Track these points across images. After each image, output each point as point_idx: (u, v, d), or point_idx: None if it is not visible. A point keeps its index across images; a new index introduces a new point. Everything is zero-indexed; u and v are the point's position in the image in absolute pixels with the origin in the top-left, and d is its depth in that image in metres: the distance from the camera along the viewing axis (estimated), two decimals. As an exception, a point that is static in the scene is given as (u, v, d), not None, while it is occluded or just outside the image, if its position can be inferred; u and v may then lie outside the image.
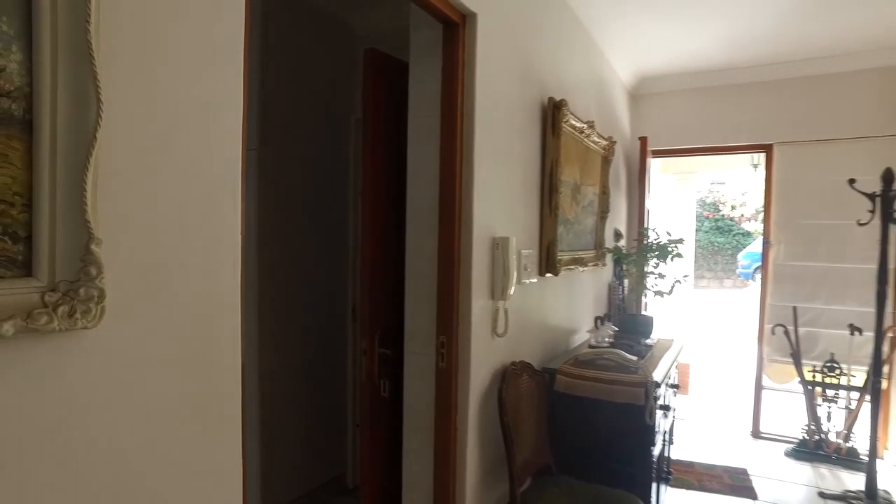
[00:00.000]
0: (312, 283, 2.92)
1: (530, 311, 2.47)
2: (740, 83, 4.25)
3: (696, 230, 15.49)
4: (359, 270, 2.83)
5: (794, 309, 4.13)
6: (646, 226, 4.34)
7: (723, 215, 15.48)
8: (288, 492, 2.78)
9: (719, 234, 15.42)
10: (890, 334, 3.71)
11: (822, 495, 3.40)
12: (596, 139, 3.10)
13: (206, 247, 1.00)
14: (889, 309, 3.71)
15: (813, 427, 4.04)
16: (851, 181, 3.41)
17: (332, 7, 2.98)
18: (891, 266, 3.62)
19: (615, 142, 3.49)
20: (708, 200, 15.58)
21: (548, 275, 2.57)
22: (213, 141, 1.01)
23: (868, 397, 3.50)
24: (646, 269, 3.32)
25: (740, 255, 14.53)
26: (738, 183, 14.80)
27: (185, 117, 0.95)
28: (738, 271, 14.56)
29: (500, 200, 2.16)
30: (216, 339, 1.04)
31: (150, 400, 0.91)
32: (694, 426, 4.63)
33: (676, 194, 6.18)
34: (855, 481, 3.45)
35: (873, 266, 3.39)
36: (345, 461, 3.11)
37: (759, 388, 4.42)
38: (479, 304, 2.01)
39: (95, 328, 0.81)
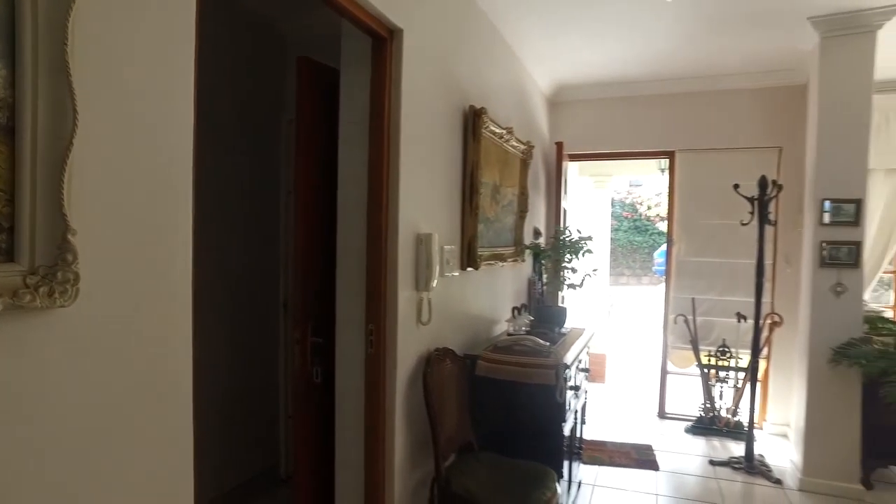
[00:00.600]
0: (243, 278, 3.03)
1: (453, 301, 2.73)
2: (647, 95, 4.74)
3: (616, 230, 16.54)
4: (291, 265, 2.97)
5: (693, 300, 4.66)
6: (562, 224, 4.74)
7: (640, 215, 16.61)
8: (220, 484, 2.87)
9: (637, 234, 16.54)
10: (768, 321, 4.30)
11: (712, 462, 3.91)
12: (515, 144, 3.41)
13: (162, 238, 1.16)
14: (766, 299, 4.30)
15: (708, 405, 4.59)
16: (736, 186, 3.94)
17: (264, 11, 3.10)
18: (767, 262, 4.21)
19: (533, 146, 3.83)
20: (627, 201, 16.66)
21: (469, 269, 2.84)
22: (169, 147, 1.17)
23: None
24: (562, 264, 3.68)
25: (656, 254, 15.64)
26: (653, 185, 15.93)
27: (147, 126, 1.11)
28: (653, 269, 15.66)
29: (424, 200, 2.40)
30: (171, 321, 1.19)
31: (114, 369, 1.06)
32: (609, 410, 5.10)
33: (594, 195, 6.70)
34: (739, 449, 3.98)
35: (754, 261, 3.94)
36: (277, 452, 3.24)
37: (664, 373, 4.94)
38: (404, 295, 2.23)
39: (71, 307, 0.96)
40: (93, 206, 1.00)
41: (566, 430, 2.78)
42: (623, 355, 7.41)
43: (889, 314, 4.06)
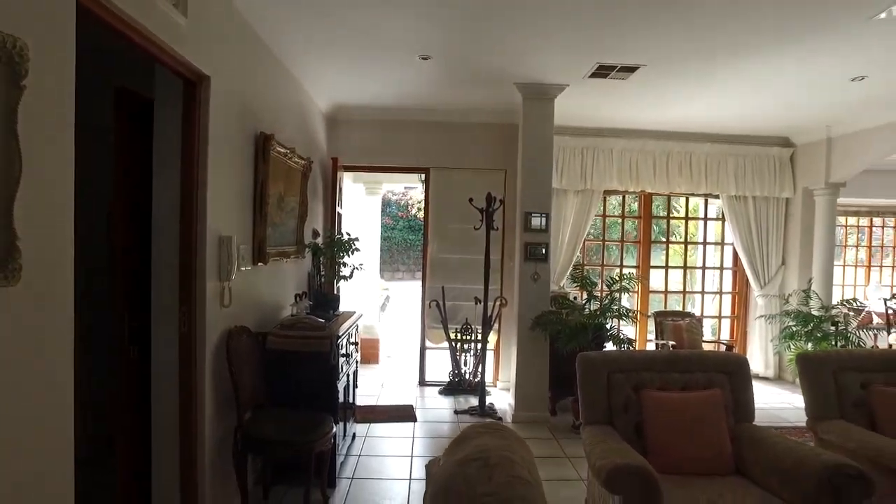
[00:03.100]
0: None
1: (249, 290, 3.49)
2: (409, 120, 5.98)
3: (393, 228, 18.19)
4: (116, 264, 3.35)
5: (443, 289, 6.04)
6: (337, 226, 5.72)
7: (414, 216, 18.50)
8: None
9: (411, 233, 18.41)
10: (497, 303, 5.85)
11: (455, 412, 5.30)
12: (297, 160, 4.26)
13: (58, 238, 1.80)
14: (496, 285, 5.86)
15: (456, 371, 6.02)
16: (470, 200, 5.36)
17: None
18: (494, 257, 5.74)
19: (312, 161, 4.72)
20: (402, 203, 18.41)
21: (260, 264, 3.63)
22: (60, 179, 1.81)
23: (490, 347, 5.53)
24: (336, 260, 4.64)
25: (429, 252, 17.58)
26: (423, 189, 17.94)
27: (53, 168, 1.75)
28: (426, 265, 17.62)
29: (225, 209, 3.13)
30: (60, 295, 1.83)
31: (36, 330, 1.69)
32: (381, 384, 6.25)
33: (367, 200, 7.84)
34: (476, 401, 5.42)
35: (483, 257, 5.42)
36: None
37: (423, 349, 6.27)
38: (211, 284, 2.95)
39: (17, 286, 1.59)
40: (29, 222, 1.63)
41: (340, 388, 3.76)
42: (395, 339, 8.71)
43: (570, 295, 5.92)
